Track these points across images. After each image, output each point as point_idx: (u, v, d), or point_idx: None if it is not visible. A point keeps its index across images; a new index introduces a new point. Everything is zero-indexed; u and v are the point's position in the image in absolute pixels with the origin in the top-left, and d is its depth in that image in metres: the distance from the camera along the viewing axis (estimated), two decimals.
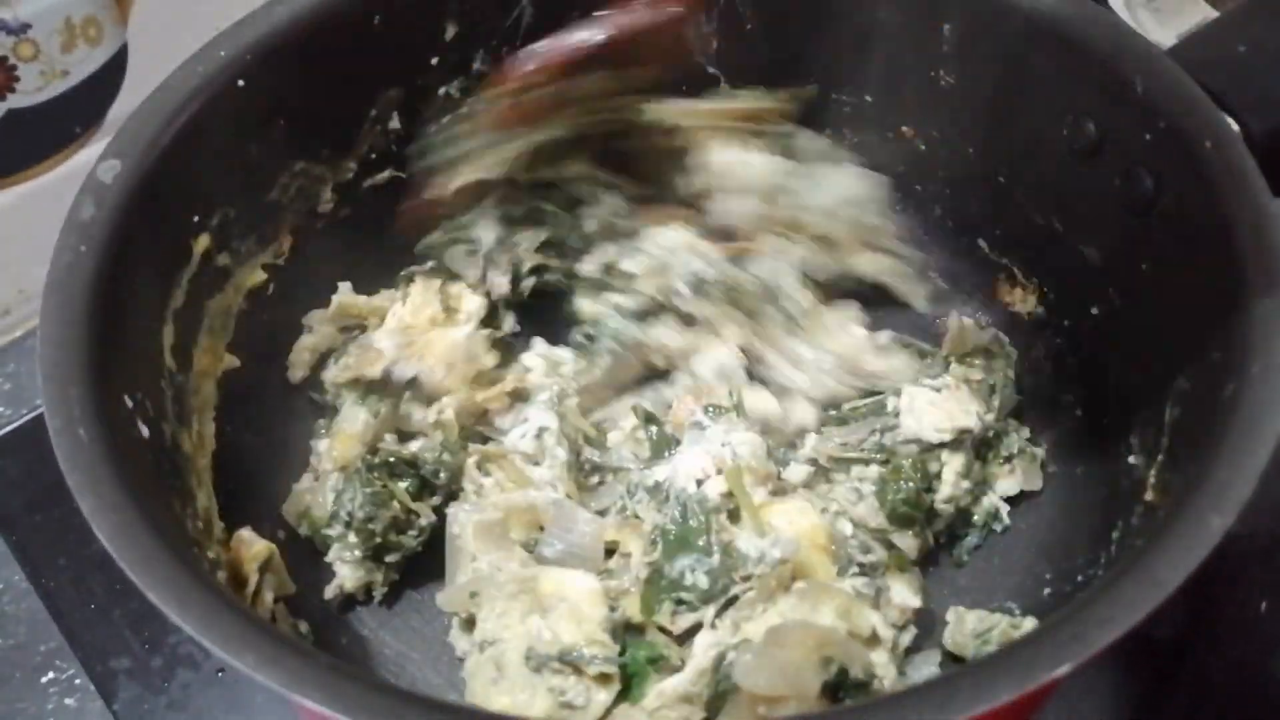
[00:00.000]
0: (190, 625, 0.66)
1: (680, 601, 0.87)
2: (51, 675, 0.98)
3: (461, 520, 0.92)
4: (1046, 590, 0.94)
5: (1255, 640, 0.96)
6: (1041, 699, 0.82)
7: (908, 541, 0.95)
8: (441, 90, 1.04)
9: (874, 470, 0.97)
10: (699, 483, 0.91)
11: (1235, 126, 0.85)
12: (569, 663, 0.85)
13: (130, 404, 0.80)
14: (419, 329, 1.03)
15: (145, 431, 0.81)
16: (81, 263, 0.80)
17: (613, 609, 0.88)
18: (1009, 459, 0.99)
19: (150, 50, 1.14)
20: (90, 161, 0.85)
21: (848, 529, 0.94)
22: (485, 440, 1.00)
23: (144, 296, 0.85)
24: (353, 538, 0.94)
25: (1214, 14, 1.24)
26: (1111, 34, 0.91)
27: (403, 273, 1.07)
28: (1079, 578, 0.91)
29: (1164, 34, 1.20)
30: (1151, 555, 0.67)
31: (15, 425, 1.10)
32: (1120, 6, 1.22)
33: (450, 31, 1.01)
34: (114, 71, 1.15)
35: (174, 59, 0.90)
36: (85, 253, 0.81)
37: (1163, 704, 0.93)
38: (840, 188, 1.05)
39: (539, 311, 1.10)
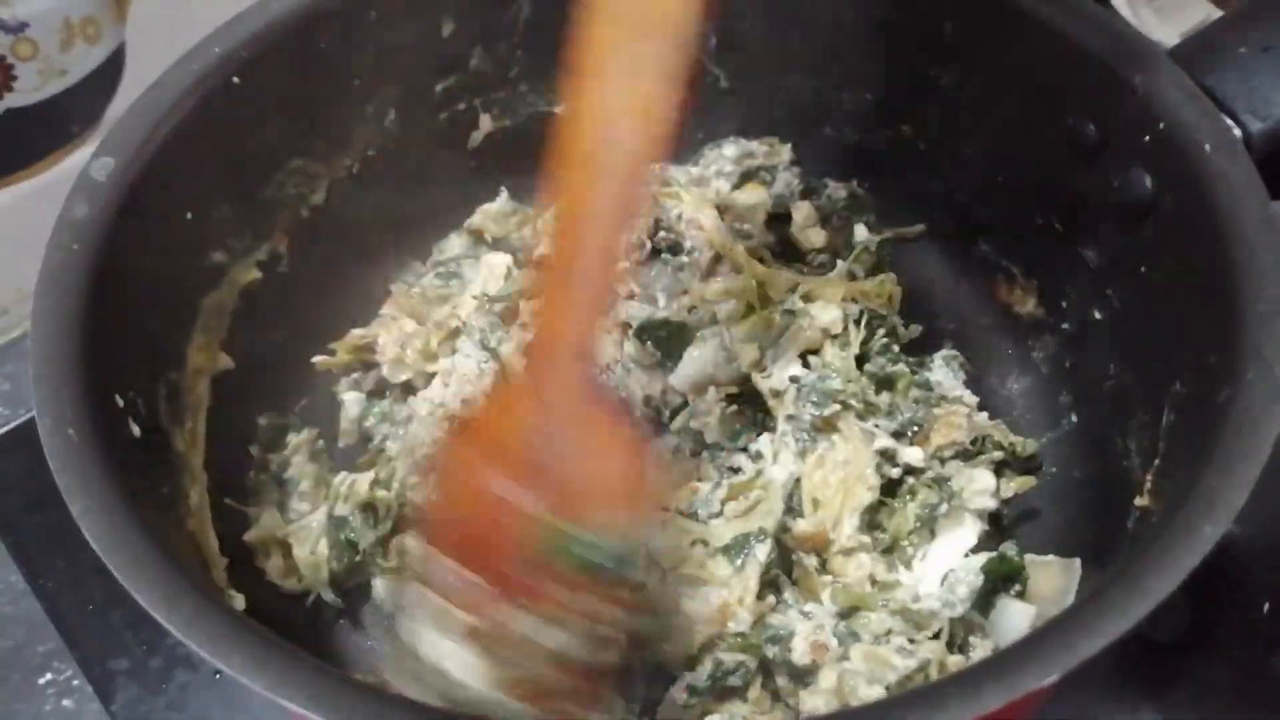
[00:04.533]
0: (176, 627, 0.66)
1: None
2: (49, 676, 0.98)
3: None
4: None
5: (1257, 641, 0.95)
6: (1033, 705, 0.81)
7: None
8: (438, 87, 1.04)
9: None
10: None
11: (1235, 129, 0.84)
12: None
13: (122, 403, 0.80)
14: None
15: (137, 431, 0.81)
16: (74, 261, 0.80)
17: None
18: None
19: (149, 50, 1.14)
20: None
21: None
22: None
23: (136, 295, 0.85)
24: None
25: (1216, 13, 1.23)
26: (1111, 34, 0.90)
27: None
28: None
29: (1166, 32, 1.20)
30: (1141, 563, 0.67)
31: (13, 426, 1.10)
32: (1122, 4, 1.21)
33: (447, 28, 1.01)
34: (112, 71, 1.15)
35: (172, 59, 0.90)
36: (78, 251, 0.81)
37: (1165, 705, 0.93)
38: None
39: None
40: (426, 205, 1.10)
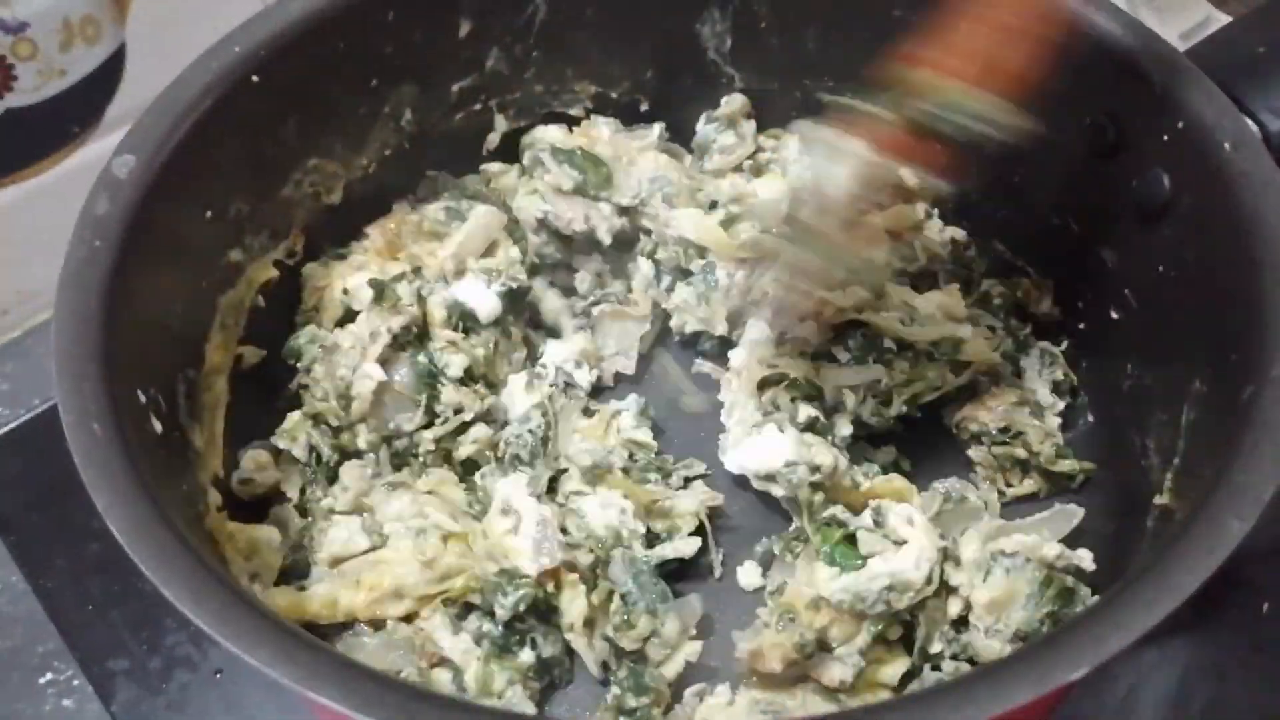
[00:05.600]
0: (205, 621, 0.66)
1: None
2: (49, 676, 0.98)
3: None
4: None
5: (1257, 642, 0.96)
6: (1056, 700, 0.82)
7: None
8: (455, 87, 1.04)
9: None
10: None
11: (1254, 128, 0.85)
12: None
13: (144, 399, 0.80)
14: None
15: (159, 427, 0.81)
16: (96, 257, 0.80)
17: None
18: None
19: (148, 50, 1.13)
20: (88, 161, 0.84)
21: None
22: None
23: (157, 292, 0.85)
24: None
25: (1216, 13, 1.24)
26: (1130, 34, 0.91)
27: None
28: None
29: (1166, 33, 1.20)
30: (1169, 558, 0.67)
31: (13, 425, 1.09)
32: (1122, 4, 1.21)
33: (464, 28, 1.01)
34: (112, 71, 1.14)
35: (172, 58, 0.90)
36: (100, 247, 0.81)
37: (1164, 705, 0.93)
38: None
39: None
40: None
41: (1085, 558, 0.91)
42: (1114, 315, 0.97)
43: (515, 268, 1.05)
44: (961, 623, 0.89)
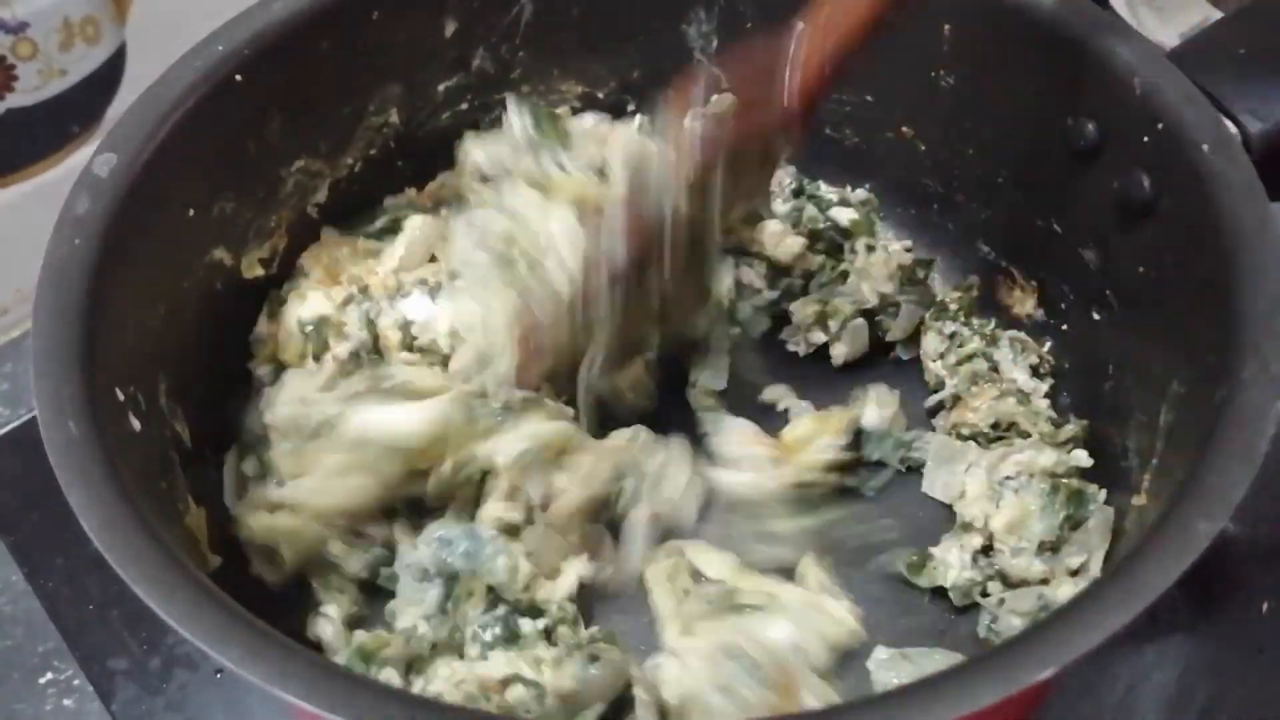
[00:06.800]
0: (175, 620, 0.66)
1: None
2: (49, 676, 0.98)
3: None
4: None
5: (1257, 642, 0.95)
6: (1034, 702, 0.82)
7: None
8: (441, 86, 1.04)
9: None
10: None
11: (1233, 129, 0.85)
12: None
13: (122, 397, 0.80)
14: None
15: (137, 425, 0.81)
16: (76, 256, 0.80)
17: None
18: None
19: (149, 50, 1.14)
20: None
21: None
22: None
23: (138, 291, 0.85)
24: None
25: (1216, 14, 1.24)
26: (1111, 35, 0.91)
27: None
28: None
29: (1166, 33, 1.20)
30: (1138, 560, 0.67)
31: (13, 425, 1.10)
32: (1122, 5, 1.21)
33: (450, 28, 1.01)
34: (112, 71, 1.15)
35: (172, 58, 0.90)
36: (80, 246, 0.81)
37: (1163, 705, 0.93)
38: None
39: None
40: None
41: (1081, 456, 0.93)
42: (1096, 316, 0.97)
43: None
44: (987, 551, 0.92)
